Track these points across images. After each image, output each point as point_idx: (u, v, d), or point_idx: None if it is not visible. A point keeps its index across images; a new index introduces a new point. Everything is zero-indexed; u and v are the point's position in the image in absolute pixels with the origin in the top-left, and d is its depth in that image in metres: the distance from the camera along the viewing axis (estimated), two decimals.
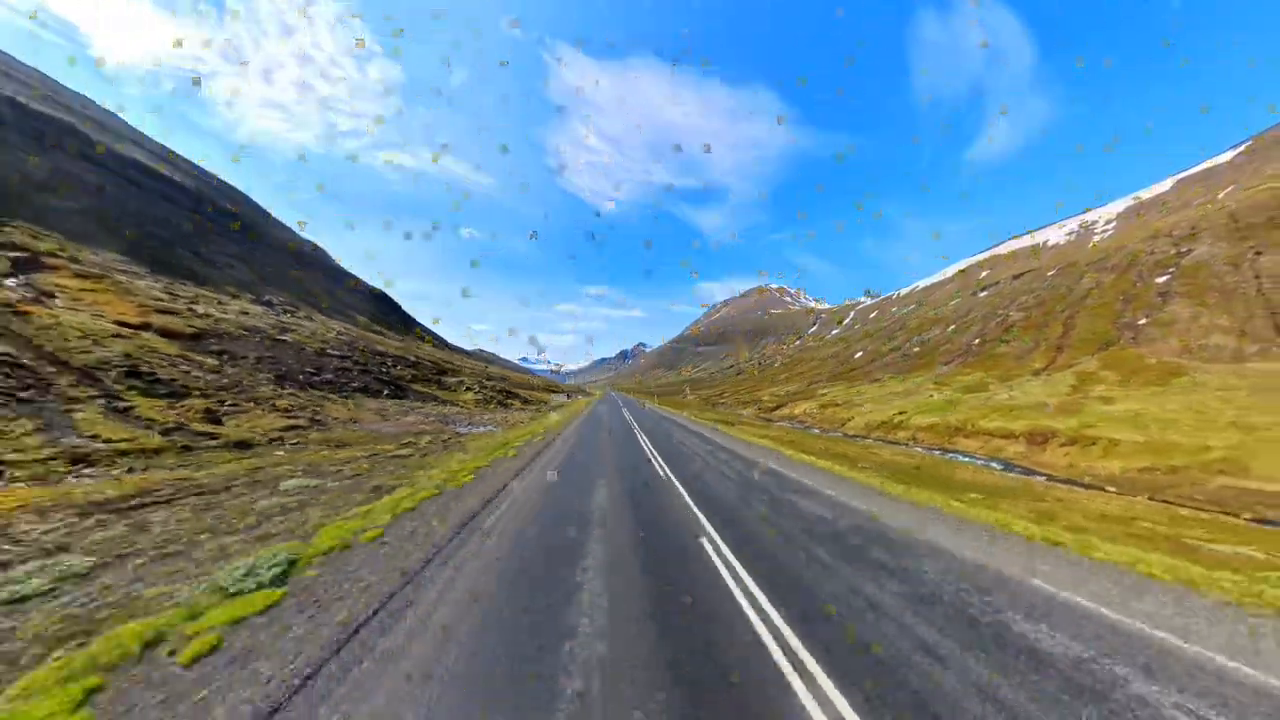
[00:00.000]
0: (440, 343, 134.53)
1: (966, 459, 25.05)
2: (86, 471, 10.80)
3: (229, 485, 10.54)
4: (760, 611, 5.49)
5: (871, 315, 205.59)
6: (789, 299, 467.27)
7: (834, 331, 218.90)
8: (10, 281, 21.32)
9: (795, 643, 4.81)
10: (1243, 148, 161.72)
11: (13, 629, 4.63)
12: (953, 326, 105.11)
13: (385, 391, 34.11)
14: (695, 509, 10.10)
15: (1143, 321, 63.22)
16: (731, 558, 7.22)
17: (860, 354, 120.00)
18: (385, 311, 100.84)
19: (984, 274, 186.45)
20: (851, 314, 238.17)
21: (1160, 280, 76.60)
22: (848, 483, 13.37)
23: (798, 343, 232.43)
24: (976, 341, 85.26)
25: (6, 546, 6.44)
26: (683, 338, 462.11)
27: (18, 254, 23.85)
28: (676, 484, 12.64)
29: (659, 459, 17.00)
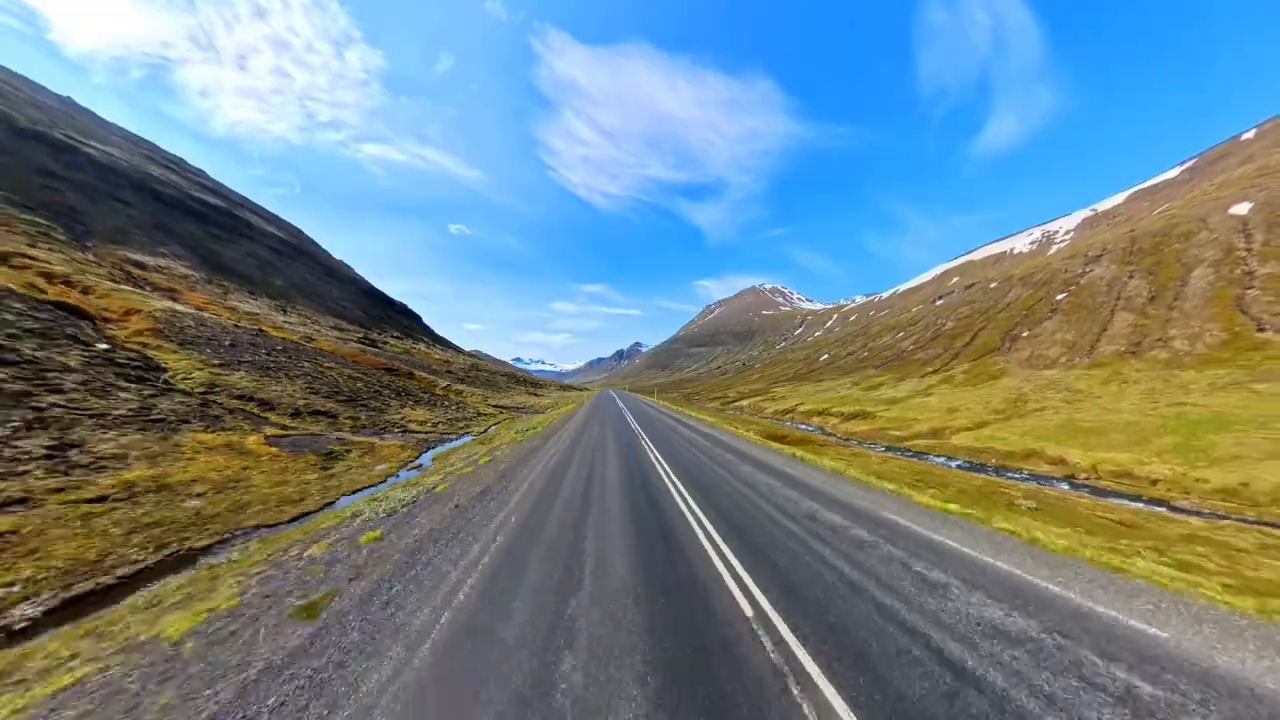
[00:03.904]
0: (458, 349, 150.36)
1: (804, 426, 40.71)
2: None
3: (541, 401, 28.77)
4: (638, 434, 22.51)
5: (852, 319, 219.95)
6: (781, 299, 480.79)
7: (816, 334, 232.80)
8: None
9: (650, 443, 21.40)
10: (1190, 163, 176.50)
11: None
12: (901, 333, 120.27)
13: (532, 390, 60.42)
14: (634, 423, 26.68)
15: (1025, 334, 78.13)
16: (639, 428, 24.27)
17: (825, 357, 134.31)
18: (429, 331, 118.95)
19: (954, 280, 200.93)
20: (834, 317, 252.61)
21: (1059, 297, 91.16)
22: (700, 421, 29.92)
23: (780, 345, 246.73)
24: (909, 348, 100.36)
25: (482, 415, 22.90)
26: (676, 338, 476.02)
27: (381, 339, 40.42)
28: (631, 418, 29.25)
29: (626, 410, 34.18)
